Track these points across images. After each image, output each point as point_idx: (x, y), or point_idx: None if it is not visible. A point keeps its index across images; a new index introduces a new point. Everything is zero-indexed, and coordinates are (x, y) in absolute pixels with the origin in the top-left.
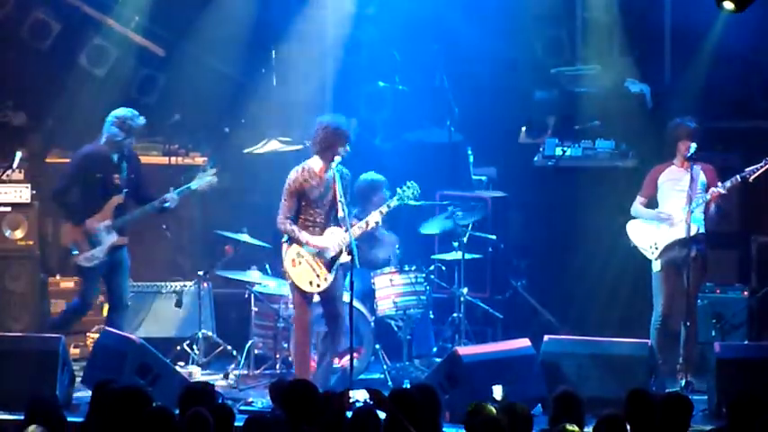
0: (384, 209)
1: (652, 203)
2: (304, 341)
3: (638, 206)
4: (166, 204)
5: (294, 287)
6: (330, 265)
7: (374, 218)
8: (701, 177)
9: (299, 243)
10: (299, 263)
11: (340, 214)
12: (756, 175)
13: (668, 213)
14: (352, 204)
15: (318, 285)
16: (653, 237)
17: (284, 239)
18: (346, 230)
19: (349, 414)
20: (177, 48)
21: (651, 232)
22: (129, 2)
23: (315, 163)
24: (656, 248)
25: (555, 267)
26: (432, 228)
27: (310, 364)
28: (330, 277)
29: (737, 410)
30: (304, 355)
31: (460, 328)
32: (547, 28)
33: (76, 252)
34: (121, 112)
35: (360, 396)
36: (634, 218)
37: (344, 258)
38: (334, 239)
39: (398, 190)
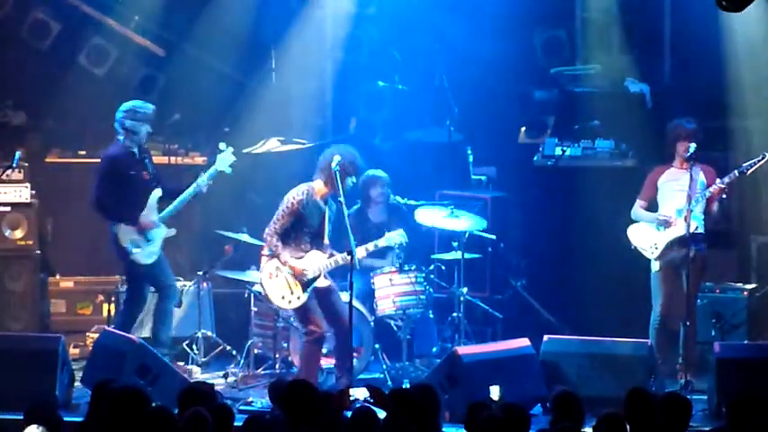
0: (371, 246)
1: (652, 206)
2: (314, 353)
3: (638, 209)
4: (200, 190)
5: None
6: (306, 285)
7: (360, 253)
8: (701, 177)
9: (279, 261)
10: (277, 276)
11: (325, 241)
12: (753, 169)
13: (667, 215)
14: (353, 200)
15: (290, 302)
16: (653, 237)
17: (266, 252)
18: (330, 256)
19: (348, 414)
20: (177, 48)
21: (651, 233)
22: (129, 1)
23: (319, 188)
24: (656, 248)
25: (555, 267)
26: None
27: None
28: (304, 297)
29: (737, 410)
30: (312, 369)
31: (460, 327)
32: (546, 28)
33: (137, 250)
34: (128, 104)
35: (360, 394)
36: (634, 221)
37: (322, 283)
38: (315, 263)
39: (387, 234)
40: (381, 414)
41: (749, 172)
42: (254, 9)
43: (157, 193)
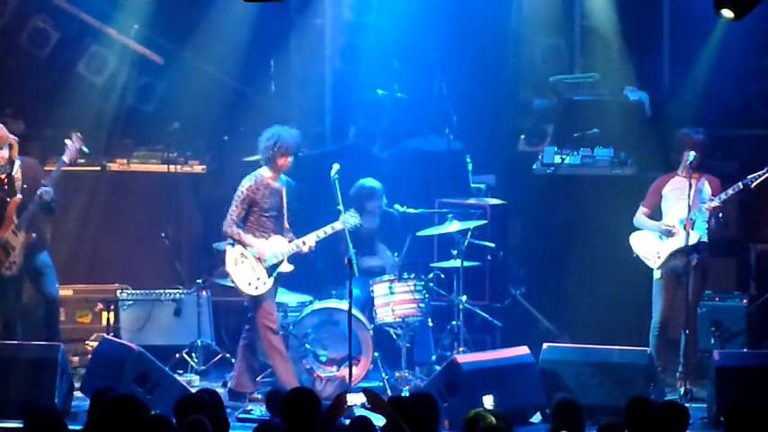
0: (321, 233)
1: (655, 213)
2: (279, 346)
3: (641, 216)
4: (46, 197)
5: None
6: (270, 270)
7: (311, 240)
8: (706, 188)
9: (244, 245)
10: (242, 263)
11: (285, 225)
12: (758, 182)
13: (670, 224)
14: (348, 206)
15: (257, 288)
16: (656, 246)
17: (228, 242)
18: (290, 241)
19: (346, 421)
20: (176, 56)
21: (654, 242)
22: (128, 10)
23: (265, 172)
24: (659, 257)
25: (554, 275)
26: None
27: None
28: (269, 282)
29: (735, 419)
30: (284, 361)
31: (459, 335)
32: (546, 36)
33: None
34: None
35: (357, 399)
36: (636, 228)
37: (285, 268)
38: (276, 247)
39: (341, 216)
40: (378, 420)
41: (754, 185)
42: (253, 17)
43: (15, 200)
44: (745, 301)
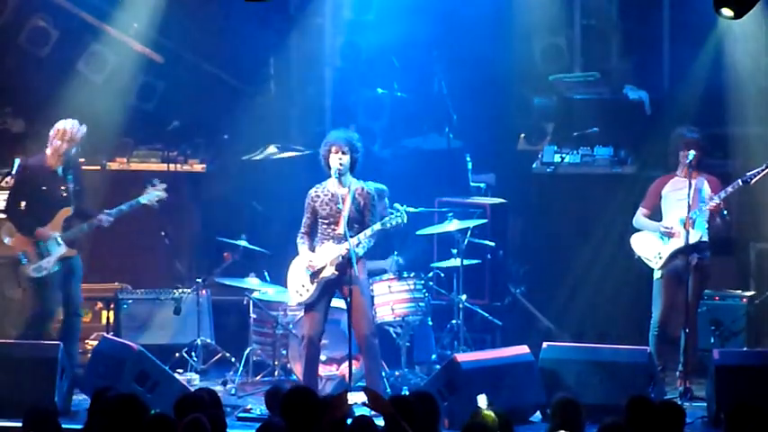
0: (362, 236)
1: (654, 214)
2: (305, 354)
3: (640, 217)
4: (105, 225)
5: None
6: (312, 277)
7: (353, 242)
8: (705, 187)
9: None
10: (297, 272)
11: (338, 231)
12: (757, 179)
13: (670, 225)
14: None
15: (301, 296)
16: (657, 247)
17: None
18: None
19: (348, 420)
20: (176, 55)
21: (655, 242)
22: (128, 9)
23: (329, 180)
24: (660, 258)
25: (554, 274)
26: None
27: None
28: (311, 288)
29: (735, 418)
30: (306, 370)
31: (459, 335)
32: (545, 35)
33: (26, 262)
34: (62, 124)
35: (357, 398)
36: (637, 229)
37: (326, 272)
38: (323, 254)
39: (386, 218)
40: (378, 420)
41: (753, 182)
42: (253, 16)
43: (66, 211)
44: (744, 299)
